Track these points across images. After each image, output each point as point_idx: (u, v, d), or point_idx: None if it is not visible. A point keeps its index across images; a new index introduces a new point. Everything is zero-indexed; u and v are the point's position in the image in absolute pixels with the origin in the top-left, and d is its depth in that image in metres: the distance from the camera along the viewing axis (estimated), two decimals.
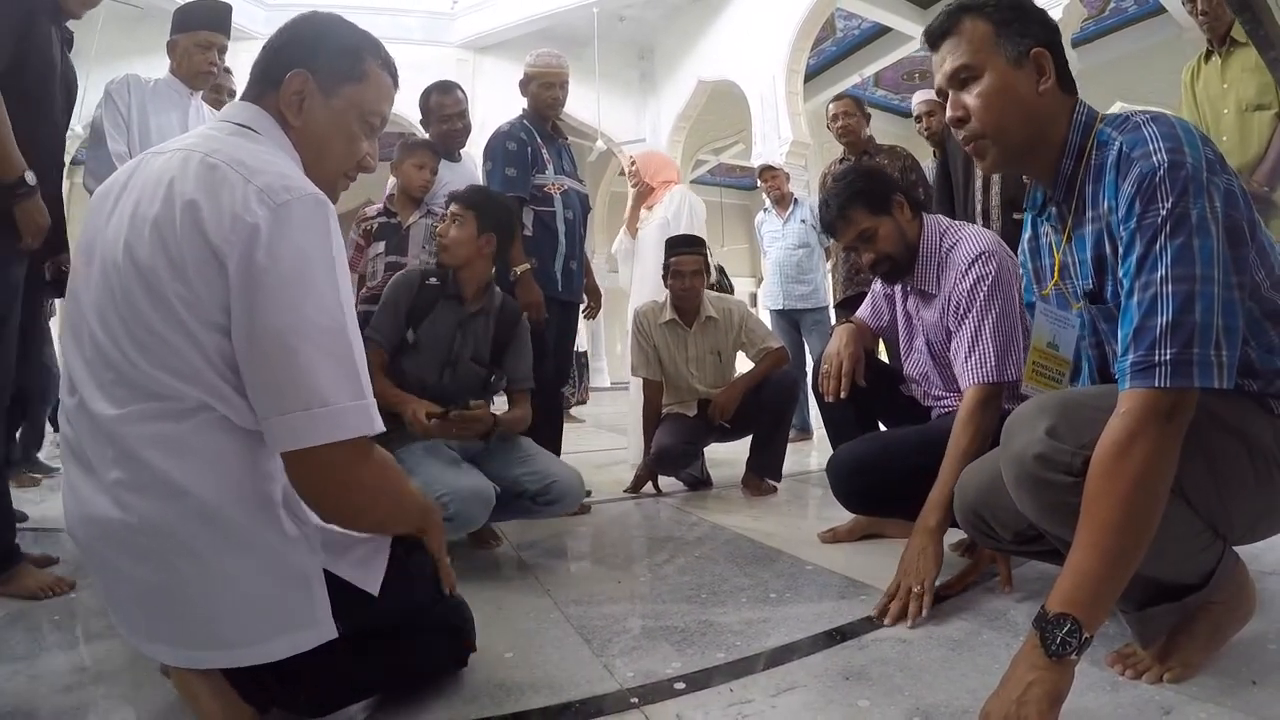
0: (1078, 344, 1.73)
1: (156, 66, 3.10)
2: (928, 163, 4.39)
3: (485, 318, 2.95)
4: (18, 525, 2.63)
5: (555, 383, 3.94)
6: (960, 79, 1.59)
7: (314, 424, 1.18)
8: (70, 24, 2.74)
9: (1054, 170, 1.57)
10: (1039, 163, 1.58)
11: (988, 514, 1.75)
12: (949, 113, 1.62)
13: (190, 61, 2.98)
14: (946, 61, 1.62)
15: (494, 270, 3.01)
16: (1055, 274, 1.72)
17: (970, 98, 1.57)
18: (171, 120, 2.91)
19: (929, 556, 2.06)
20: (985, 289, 2.34)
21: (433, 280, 2.90)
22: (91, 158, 2.74)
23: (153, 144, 2.65)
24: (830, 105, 5.07)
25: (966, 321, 2.37)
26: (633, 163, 5.40)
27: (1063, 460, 1.36)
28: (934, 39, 1.66)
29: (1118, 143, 1.43)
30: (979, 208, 3.75)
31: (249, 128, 1.40)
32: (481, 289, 2.93)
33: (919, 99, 4.94)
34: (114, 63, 7.72)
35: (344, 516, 1.35)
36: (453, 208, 2.87)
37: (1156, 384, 1.27)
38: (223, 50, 3.03)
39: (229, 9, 3.05)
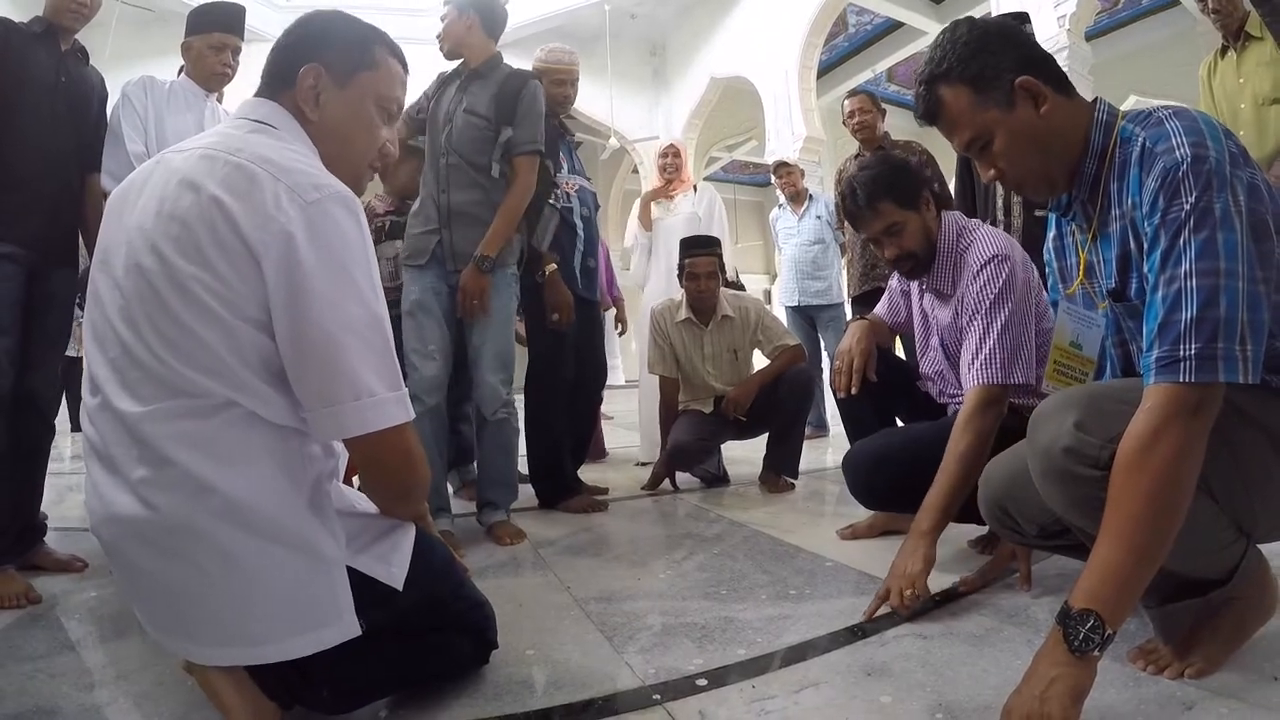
0: (1102, 343, 1.73)
1: (170, 68, 3.09)
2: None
3: (482, 79, 3.18)
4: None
5: (580, 385, 3.93)
6: (975, 149, 1.61)
7: (360, 414, 1.24)
8: (81, 35, 2.78)
9: (1078, 170, 1.56)
10: (1068, 169, 1.57)
11: (1012, 507, 1.74)
12: (984, 175, 1.64)
13: (204, 63, 2.97)
14: (953, 138, 1.64)
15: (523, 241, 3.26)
16: (1081, 273, 1.71)
17: (993, 158, 1.59)
18: (188, 122, 2.89)
19: (919, 558, 2.03)
20: (995, 291, 2.32)
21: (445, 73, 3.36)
22: (109, 157, 2.73)
23: (169, 145, 2.68)
24: (845, 102, 5.04)
25: (975, 323, 2.35)
26: (677, 153, 5.34)
27: (1090, 454, 1.36)
28: (928, 120, 1.68)
29: (1141, 138, 1.42)
30: (1000, 204, 3.73)
31: (267, 124, 1.42)
32: (482, 58, 3.22)
33: None
34: (127, 65, 7.75)
35: (399, 492, 1.44)
36: (443, 10, 3.22)
37: (1182, 379, 1.26)
38: (236, 51, 3.01)
39: (242, 10, 3.05)
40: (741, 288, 5.78)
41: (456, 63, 3.26)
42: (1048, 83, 1.53)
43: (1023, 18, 3.93)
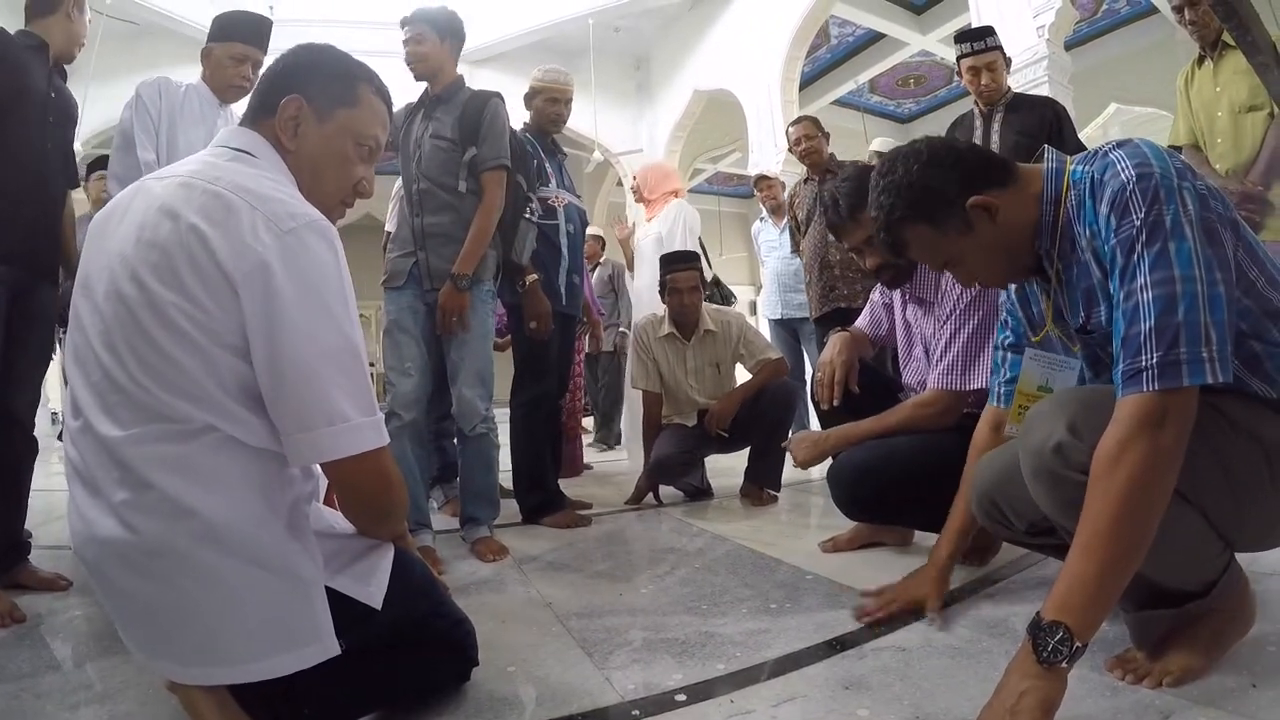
0: (1080, 382, 1.75)
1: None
2: None
3: (445, 103, 3.20)
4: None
5: (559, 397, 3.96)
6: (950, 268, 1.70)
7: (335, 440, 1.26)
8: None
9: (1037, 225, 1.61)
10: (1033, 245, 1.64)
11: (1003, 502, 1.75)
12: (965, 285, 1.80)
13: (223, 73, 2.96)
14: (925, 263, 1.77)
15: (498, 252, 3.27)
16: (1049, 320, 1.76)
17: (968, 275, 1.71)
18: (199, 135, 2.86)
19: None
20: (969, 298, 2.37)
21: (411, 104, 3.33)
22: (118, 161, 2.67)
23: (180, 157, 2.67)
24: (790, 129, 5.09)
25: (948, 324, 2.41)
26: (633, 176, 5.44)
27: (1078, 459, 1.37)
28: (897, 256, 1.80)
29: (1090, 174, 1.47)
30: None
31: (246, 152, 1.43)
32: (447, 81, 3.23)
33: None
34: (112, 79, 7.74)
35: (377, 515, 1.46)
36: (408, 31, 3.15)
37: (1145, 388, 1.28)
38: (257, 65, 3.00)
39: (269, 24, 3.04)
40: (732, 298, 5.81)
41: (421, 87, 3.29)
42: (993, 185, 1.59)
43: (987, 30, 4.02)
